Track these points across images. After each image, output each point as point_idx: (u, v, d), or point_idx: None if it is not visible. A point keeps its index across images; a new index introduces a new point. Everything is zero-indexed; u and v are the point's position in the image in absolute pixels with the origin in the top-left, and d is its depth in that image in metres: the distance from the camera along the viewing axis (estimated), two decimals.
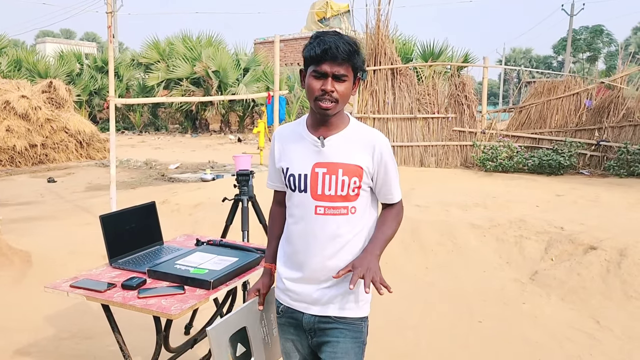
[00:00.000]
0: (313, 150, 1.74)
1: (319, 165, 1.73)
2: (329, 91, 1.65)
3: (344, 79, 1.66)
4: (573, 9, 36.38)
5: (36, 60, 21.45)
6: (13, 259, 4.59)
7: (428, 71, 10.67)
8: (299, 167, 1.76)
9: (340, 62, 1.63)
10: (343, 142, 1.74)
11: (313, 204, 1.73)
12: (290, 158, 1.78)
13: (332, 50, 1.61)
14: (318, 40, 1.65)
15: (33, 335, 3.43)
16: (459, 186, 7.38)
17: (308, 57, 1.67)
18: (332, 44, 1.61)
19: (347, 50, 1.63)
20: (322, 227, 1.73)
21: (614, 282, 4.06)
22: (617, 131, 8.84)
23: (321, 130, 1.75)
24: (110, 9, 5.59)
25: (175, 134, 21.69)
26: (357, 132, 1.77)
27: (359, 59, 1.69)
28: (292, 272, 1.81)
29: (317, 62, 1.65)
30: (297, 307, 1.81)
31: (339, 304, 1.77)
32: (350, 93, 1.71)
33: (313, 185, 1.73)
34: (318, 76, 1.66)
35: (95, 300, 2.12)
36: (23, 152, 11.73)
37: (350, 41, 1.66)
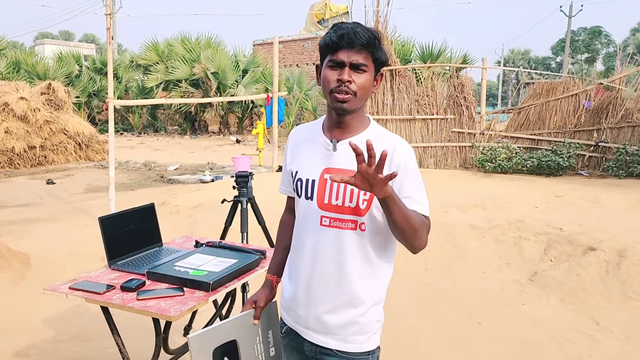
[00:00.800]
0: (324, 154, 1.58)
1: (329, 171, 1.55)
2: (346, 81, 1.48)
3: (363, 68, 1.50)
4: (571, 10, 36.44)
5: (35, 61, 21.45)
6: (12, 261, 4.58)
7: (427, 72, 10.69)
8: (307, 172, 1.60)
9: (359, 49, 1.48)
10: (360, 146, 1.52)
11: (319, 213, 1.56)
12: (300, 161, 1.63)
13: (350, 35, 1.47)
14: (335, 28, 1.52)
15: (32, 338, 3.43)
16: (458, 187, 7.38)
17: (324, 45, 1.53)
18: (349, 29, 1.48)
19: (366, 36, 1.48)
20: (326, 239, 1.55)
21: (613, 283, 4.06)
22: (615, 132, 8.85)
23: (336, 133, 1.58)
24: (109, 11, 5.59)
25: (174, 136, 21.68)
26: (375, 137, 1.54)
27: (380, 50, 1.52)
28: (293, 288, 1.65)
29: (334, 50, 1.50)
30: (299, 330, 1.64)
31: (342, 336, 1.57)
32: (370, 87, 1.53)
33: (320, 192, 1.56)
34: (334, 66, 1.51)
35: (95, 302, 2.11)
36: (22, 153, 11.72)
37: (370, 29, 1.51)
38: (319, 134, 1.62)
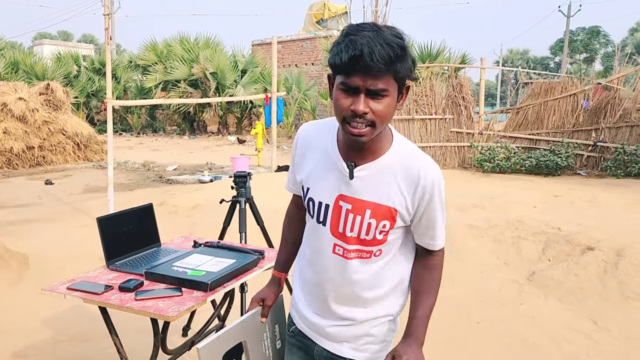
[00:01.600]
0: (340, 177, 1.39)
1: (344, 199, 1.39)
2: (361, 112, 1.23)
3: (384, 94, 1.24)
4: (570, 10, 36.48)
5: (33, 62, 21.44)
6: (10, 262, 4.58)
7: (425, 72, 10.69)
8: (320, 194, 1.43)
9: (377, 73, 1.20)
10: (377, 173, 1.36)
11: (331, 241, 1.43)
12: (311, 177, 1.45)
13: (365, 59, 1.18)
14: (347, 42, 1.21)
15: (30, 338, 3.43)
16: (457, 187, 7.39)
17: (334, 65, 1.25)
18: (365, 48, 1.18)
19: (387, 56, 1.18)
20: (338, 269, 1.44)
21: (611, 283, 4.07)
22: (614, 132, 8.86)
23: (352, 155, 1.37)
24: (107, 11, 5.59)
25: (173, 136, 21.68)
26: (400, 160, 1.37)
27: (405, 64, 1.24)
28: (306, 299, 1.57)
29: (346, 73, 1.23)
30: (310, 335, 1.56)
31: (355, 344, 1.50)
32: (393, 111, 1.29)
33: (334, 220, 1.41)
34: (347, 90, 1.25)
35: (93, 302, 2.11)
36: (20, 154, 11.71)
37: (392, 41, 1.20)
38: (333, 150, 1.41)
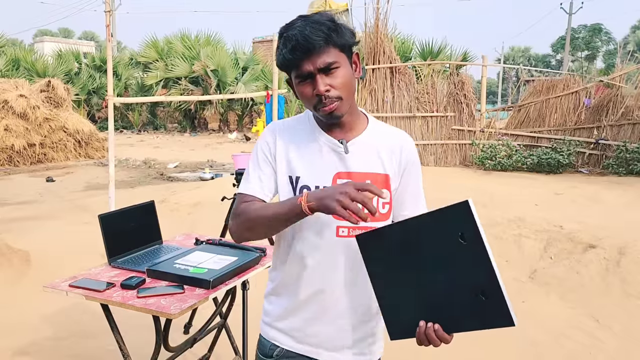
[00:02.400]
0: (333, 156, 1.40)
1: (342, 175, 1.38)
2: (324, 92, 1.30)
3: (335, 66, 1.30)
4: (572, 8, 36.41)
5: (34, 59, 21.44)
6: (12, 259, 4.58)
7: (427, 70, 10.68)
8: (315, 177, 1.39)
9: (319, 50, 1.28)
10: (367, 145, 1.42)
11: (334, 224, 1.37)
12: (301, 164, 1.40)
13: (302, 43, 1.26)
14: (283, 41, 1.31)
15: (32, 335, 3.43)
16: (458, 185, 7.38)
17: (281, 65, 1.35)
18: (298, 35, 1.27)
19: (320, 31, 1.27)
20: (345, 251, 1.39)
21: (613, 281, 4.06)
22: (615, 129, 8.85)
23: (337, 133, 1.41)
24: (108, 8, 5.57)
25: (174, 133, 21.68)
26: (380, 134, 1.45)
27: (342, 34, 1.32)
28: (294, 306, 1.46)
29: (296, 66, 1.31)
30: (306, 351, 1.46)
31: (358, 349, 1.46)
32: (352, 80, 1.35)
33: None
34: (304, 80, 1.32)
35: (95, 299, 2.11)
36: (21, 151, 11.72)
37: (319, 19, 1.30)
38: (319, 133, 1.42)
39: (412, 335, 1.24)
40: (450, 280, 1.12)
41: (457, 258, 1.09)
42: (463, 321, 1.13)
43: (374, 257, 1.23)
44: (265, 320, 1.53)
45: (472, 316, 1.11)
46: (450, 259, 1.10)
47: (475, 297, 1.08)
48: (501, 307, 1.04)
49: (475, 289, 1.07)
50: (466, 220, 1.06)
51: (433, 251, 1.13)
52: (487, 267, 1.05)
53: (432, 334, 1.19)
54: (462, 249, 1.07)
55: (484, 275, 1.05)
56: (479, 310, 1.08)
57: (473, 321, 1.11)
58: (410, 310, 1.21)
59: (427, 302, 1.18)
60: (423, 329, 1.20)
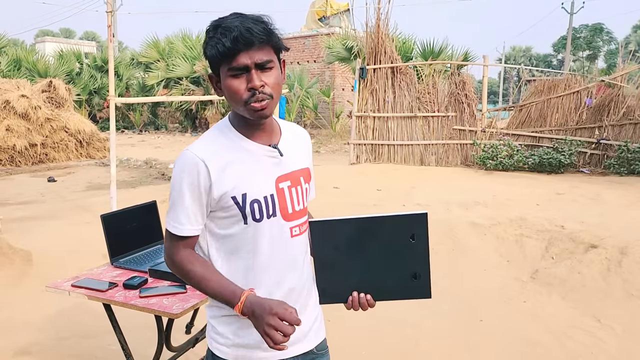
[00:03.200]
0: (270, 162, 1.41)
1: (281, 179, 1.42)
2: (259, 87, 1.30)
3: (270, 65, 1.32)
4: (573, 7, 36.39)
5: (36, 59, 21.42)
6: (13, 259, 4.59)
7: (428, 70, 10.67)
8: (260, 189, 1.38)
9: (259, 46, 1.29)
10: (291, 145, 1.48)
11: (287, 226, 1.43)
12: (243, 180, 1.36)
13: (244, 35, 1.27)
14: (221, 31, 1.29)
15: (34, 335, 3.44)
16: (459, 185, 7.38)
17: (217, 54, 1.30)
18: (241, 27, 1.27)
19: (263, 29, 1.30)
20: (298, 249, 1.46)
21: (614, 281, 4.06)
22: (617, 129, 8.83)
23: (263, 138, 1.42)
24: (110, 8, 5.58)
25: (175, 133, 21.69)
26: (291, 131, 1.53)
27: (277, 36, 1.34)
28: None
29: (231, 57, 1.29)
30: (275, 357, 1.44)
31: (313, 332, 1.54)
32: (281, 83, 1.38)
33: (282, 204, 1.41)
34: (237, 73, 1.30)
35: (97, 299, 2.12)
36: (23, 151, 11.73)
37: (259, 18, 1.32)
38: (248, 143, 1.39)
39: (341, 302, 1.40)
40: (391, 265, 1.40)
41: (403, 251, 1.39)
42: (391, 293, 1.43)
43: (324, 240, 1.36)
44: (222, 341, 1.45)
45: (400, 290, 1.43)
46: (397, 251, 1.38)
47: (409, 278, 1.41)
48: (426, 285, 1.42)
49: (411, 272, 1.41)
50: (421, 227, 1.38)
51: (384, 243, 1.38)
52: (425, 258, 1.41)
53: (364, 302, 1.37)
54: (410, 245, 1.39)
55: (421, 264, 1.41)
56: (408, 287, 1.42)
57: (400, 294, 1.43)
58: (345, 282, 1.40)
59: (364, 278, 1.41)
60: (356, 298, 1.37)
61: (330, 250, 1.37)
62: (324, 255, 1.37)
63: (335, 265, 1.38)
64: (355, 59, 12.54)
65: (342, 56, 16.24)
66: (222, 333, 1.45)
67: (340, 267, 1.39)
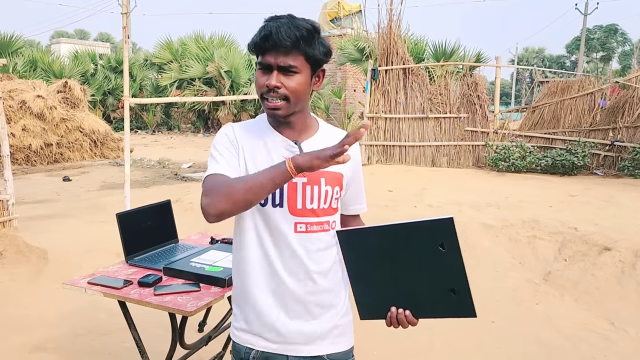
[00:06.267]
0: (287, 156, 1.38)
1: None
2: (273, 87, 1.36)
3: (294, 70, 1.36)
4: (587, 8, 36.00)
5: (51, 60, 21.68)
6: (30, 256, 4.67)
7: (440, 71, 10.64)
8: None
9: (285, 50, 1.33)
10: (321, 145, 1.38)
11: (292, 220, 1.43)
12: (260, 164, 1.41)
13: (273, 37, 1.32)
14: (261, 27, 1.38)
15: (50, 331, 3.49)
16: (471, 186, 7.35)
17: (249, 46, 1.40)
18: (273, 29, 1.33)
19: (294, 35, 1.32)
20: (301, 245, 1.45)
21: (628, 283, 4.03)
22: (631, 131, 8.74)
23: (290, 133, 1.46)
24: (125, 10, 5.64)
25: (187, 134, 21.84)
26: (331, 135, 1.51)
27: (314, 46, 1.36)
28: (260, 307, 1.48)
29: (261, 53, 1.37)
30: (280, 350, 1.48)
31: (331, 338, 1.52)
32: (306, 89, 1.40)
33: (291, 198, 1.43)
34: (263, 69, 1.38)
35: (113, 297, 2.15)
36: (38, 151, 11.88)
37: (300, 24, 1.35)
38: (272, 134, 1.47)
39: (381, 317, 1.37)
40: (425, 278, 1.31)
41: (435, 262, 1.28)
42: (431, 310, 1.35)
43: (351, 250, 1.34)
44: (238, 325, 1.53)
45: (441, 307, 1.33)
46: (429, 262, 1.28)
47: (447, 293, 1.30)
48: (467, 302, 1.30)
49: (448, 286, 1.29)
50: (448, 233, 1.24)
51: (414, 253, 1.29)
52: (460, 271, 1.27)
53: (403, 318, 1.35)
54: (441, 255, 1.26)
55: (457, 277, 1.28)
56: (448, 303, 1.31)
57: (441, 311, 1.34)
58: (382, 297, 1.36)
59: (400, 292, 1.34)
60: (395, 314, 1.35)
61: (360, 262, 1.33)
62: (355, 267, 1.35)
63: (367, 277, 1.34)
64: (367, 60, 12.54)
65: (353, 57, 16.22)
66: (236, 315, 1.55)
67: (373, 279, 1.34)
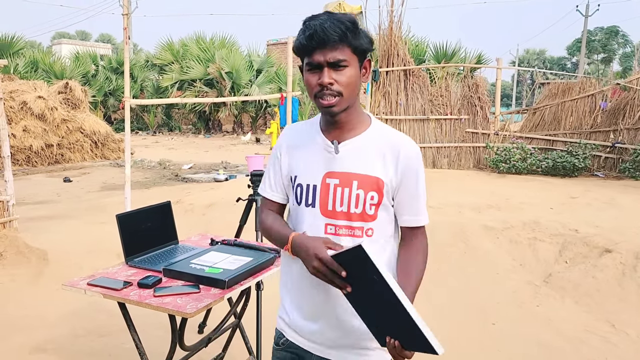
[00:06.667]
0: (325, 156, 1.46)
1: (331, 175, 1.44)
2: (327, 84, 1.37)
3: (344, 64, 1.36)
4: (588, 10, 36.00)
5: (52, 61, 21.73)
6: (30, 257, 4.67)
7: (441, 72, 10.65)
8: (307, 177, 1.47)
9: (333, 45, 1.34)
10: (361, 147, 1.45)
11: (323, 221, 1.45)
12: (299, 164, 1.50)
13: (319, 34, 1.33)
14: (303, 27, 1.38)
15: (49, 332, 3.49)
16: (472, 188, 7.34)
17: (295, 49, 1.41)
18: (317, 26, 1.33)
19: (339, 29, 1.33)
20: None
21: (629, 286, 4.02)
22: (632, 133, 8.73)
23: (335, 133, 1.46)
24: (126, 11, 5.65)
25: (188, 135, 21.85)
26: (380, 136, 1.47)
27: (359, 37, 1.37)
28: (298, 304, 1.52)
29: (308, 53, 1.38)
30: (308, 347, 1.52)
31: (360, 349, 1.48)
32: (357, 82, 1.41)
33: (323, 198, 1.44)
34: (313, 69, 1.39)
35: (112, 298, 2.15)
36: (39, 151, 11.90)
37: (342, 18, 1.36)
38: (318, 134, 1.49)
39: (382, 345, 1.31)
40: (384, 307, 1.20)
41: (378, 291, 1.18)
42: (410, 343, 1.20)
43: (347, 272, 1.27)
44: (280, 313, 1.62)
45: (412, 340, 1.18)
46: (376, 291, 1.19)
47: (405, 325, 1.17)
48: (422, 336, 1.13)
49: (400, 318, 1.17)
50: (364, 261, 1.15)
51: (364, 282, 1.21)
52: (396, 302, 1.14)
53: (392, 349, 1.27)
54: (377, 283, 1.16)
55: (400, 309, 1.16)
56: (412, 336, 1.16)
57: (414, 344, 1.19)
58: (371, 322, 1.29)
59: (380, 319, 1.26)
60: (390, 343, 1.28)
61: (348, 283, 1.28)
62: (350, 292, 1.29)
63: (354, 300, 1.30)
64: None
65: None
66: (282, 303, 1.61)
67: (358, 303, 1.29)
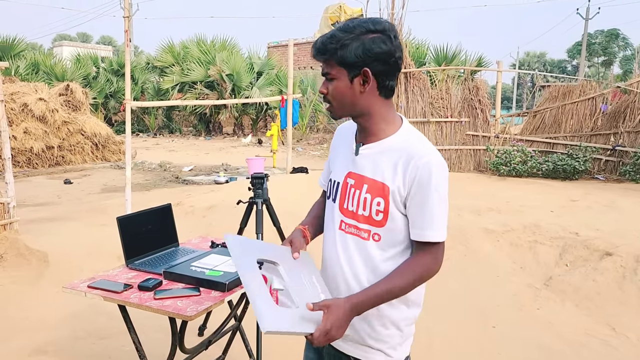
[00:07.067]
0: (351, 157, 1.54)
1: (351, 175, 1.52)
2: (320, 92, 1.51)
3: (330, 77, 1.45)
4: (588, 13, 36.04)
5: (53, 63, 21.73)
6: (30, 259, 4.67)
7: (441, 75, 10.65)
8: (336, 174, 1.58)
9: (321, 59, 1.45)
10: (377, 152, 1.48)
11: (339, 217, 1.53)
12: (335, 162, 1.63)
13: (315, 47, 1.45)
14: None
15: (50, 335, 3.49)
16: (472, 190, 7.34)
17: None
18: (317, 41, 1.46)
19: (322, 46, 1.43)
20: (342, 245, 1.52)
21: (630, 289, 4.02)
22: (633, 136, 8.73)
23: (361, 136, 1.53)
24: (127, 14, 5.66)
25: (189, 137, 21.85)
26: (401, 144, 1.46)
27: (349, 51, 1.38)
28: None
29: None
30: None
31: (361, 343, 1.52)
32: (346, 92, 1.44)
33: (342, 196, 1.53)
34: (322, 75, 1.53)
35: (113, 300, 2.15)
36: (40, 153, 11.90)
37: (334, 33, 1.42)
38: (352, 136, 1.58)
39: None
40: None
41: None
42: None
43: None
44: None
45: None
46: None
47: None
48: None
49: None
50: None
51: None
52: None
53: None
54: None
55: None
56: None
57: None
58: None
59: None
60: None
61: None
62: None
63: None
64: None
65: None
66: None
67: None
